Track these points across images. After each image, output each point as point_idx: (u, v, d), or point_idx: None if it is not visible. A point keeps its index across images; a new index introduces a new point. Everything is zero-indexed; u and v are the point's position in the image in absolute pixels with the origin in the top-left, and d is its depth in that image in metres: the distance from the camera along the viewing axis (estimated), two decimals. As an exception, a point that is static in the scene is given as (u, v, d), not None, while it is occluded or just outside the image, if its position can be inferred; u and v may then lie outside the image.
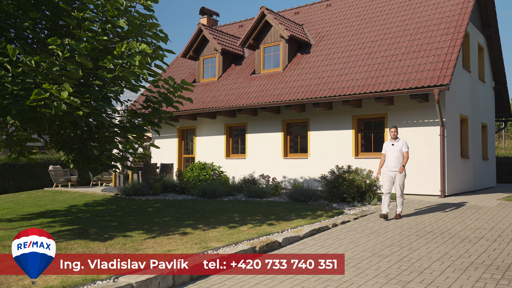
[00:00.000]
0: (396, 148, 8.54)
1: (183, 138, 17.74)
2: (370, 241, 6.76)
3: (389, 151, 8.61)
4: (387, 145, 8.75)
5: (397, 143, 8.56)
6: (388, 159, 8.63)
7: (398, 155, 8.48)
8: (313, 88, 13.21)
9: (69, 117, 6.50)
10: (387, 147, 8.71)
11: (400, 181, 8.48)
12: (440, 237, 6.96)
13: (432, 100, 11.78)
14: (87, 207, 10.57)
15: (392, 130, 8.69)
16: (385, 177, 8.67)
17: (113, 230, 7.44)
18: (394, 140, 8.63)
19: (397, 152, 8.49)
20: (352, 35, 14.74)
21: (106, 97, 6.88)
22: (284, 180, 14.37)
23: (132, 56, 6.51)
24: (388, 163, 8.62)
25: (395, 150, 8.51)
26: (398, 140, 8.60)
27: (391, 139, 8.68)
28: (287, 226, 7.74)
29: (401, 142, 8.56)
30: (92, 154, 7.82)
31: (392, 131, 8.68)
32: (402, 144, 8.54)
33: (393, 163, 8.53)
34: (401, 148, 8.50)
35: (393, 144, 8.58)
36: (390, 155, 8.57)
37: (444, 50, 11.68)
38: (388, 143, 8.74)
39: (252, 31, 15.68)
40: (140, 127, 7.80)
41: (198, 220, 8.50)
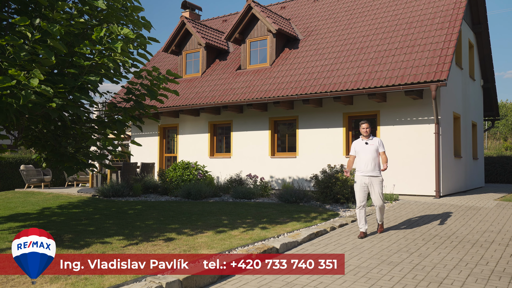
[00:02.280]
0: (371, 147, 6.92)
1: (165, 136, 16.96)
2: (375, 246, 6.21)
3: (362, 151, 6.95)
4: (358, 144, 7.07)
5: (371, 141, 6.97)
6: (360, 162, 6.95)
7: (374, 156, 6.89)
8: (302, 84, 12.65)
9: (40, 109, 5.75)
10: (358, 146, 7.04)
11: (379, 188, 6.88)
12: (448, 241, 6.47)
13: (426, 97, 11.37)
14: (61, 210, 9.74)
15: (364, 126, 7.03)
16: (357, 185, 6.97)
17: (90, 236, 6.70)
18: (366, 138, 7.03)
19: (372, 153, 6.89)
20: (342, 30, 14.25)
21: (83, 87, 6.14)
22: (272, 180, 13.77)
23: (114, 41, 5.79)
24: (362, 166, 6.92)
25: (370, 150, 6.90)
26: (372, 138, 7.04)
27: (363, 137, 7.06)
28: (282, 230, 7.14)
29: (376, 141, 6.99)
30: (66, 151, 7.05)
31: (364, 128, 7.02)
32: (378, 143, 6.98)
33: (368, 166, 6.86)
34: (377, 147, 6.93)
35: (366, 143, 6.97)
36: (363, 156, 6.92)
37: (439, 45, 11.27)
38: (359, 141, 7.09)
39: (238, 24, 15.03)
40: (120, 122, 7.07)
41: (183, 223, 7.82)
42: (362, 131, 7.04)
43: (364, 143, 7.00)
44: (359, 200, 6.91)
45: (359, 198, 6.91)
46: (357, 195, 6.94)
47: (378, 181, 6.89)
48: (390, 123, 11.91)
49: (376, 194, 6.89)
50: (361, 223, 6.85)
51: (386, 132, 11.95)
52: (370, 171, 6.87)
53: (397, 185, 11.47)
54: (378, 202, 6.92)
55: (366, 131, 7.01)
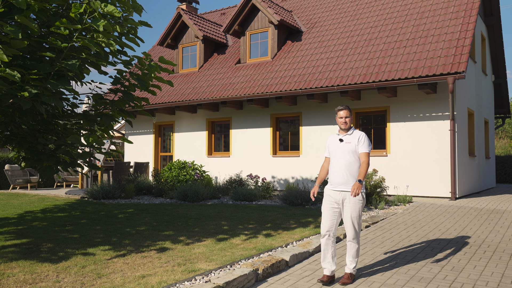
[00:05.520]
0: (346, 147, 4.53)
1: (160, 134, 16.09)
2: (398, 257, 5.39)
3: (335, 152, 4.60)
4: (332, 141, 4.70)
5: (349, 137, 4.57)
6: (331, 168, 4.62)
7: (351, 159, 4.49)
8: (307, 77, 11.83)
9: (9, 98, 4.91)
10: (332, 144, 4.68)
11: (354, 211, 4.44)
12: (480, 251, 5.66)
13: (441, 91, 10.56)
14: (44, 214, 8.89)
15: (342, 113, 4.58)
16: (324, 202, 4.62)
17: (72, 245, 5.86)
18: (344, 131, 4.63)
19: (348, 155, 4.51)
20: (348, 21, 13.43)
21: (62, 75, 5.30)
22: (274, 180, 12.94)
23: (96, 20, 4.95)
24: (332, 175, 4.59)
25: (345, 151, 4.52)
26: (351, 132, 4.61)
27: (340, 131, 4.67)
28: (289, 238, 6.32)
29: (355, 137, 4.55)
30: (45, 149, 6.21)
31: (342, 116, 4.58)
32: (359, 139, 4.53)
33: (340, 175, 4.50)
34: (356, 146, 4.51)
35: (341, 140, 4.59)
36: (335, 160, 4.59)
37: (455, 35, 10.47)
38: (334, 137, 4.71)
39: (237, 16, 14.19)
40: (107, 116, 6.23)
41: (179, 229, 6.99)
42: (340, 121, 4.60)
43: (338, 139, 4.62)
44: (323, 225, 4.54)
45: (324, 222, 4.54)
46: (323, 217, 4.57)
47: (354, 198, 4.42)
48: (401, 120, 11.10)
49: (347, 218, 4.46)
50: (325, 261, 4.51)
51: (396, 129, 11.14)
52: (343, 182, 4.47)
53: (409, 186, 10.67)
54: (349, 232, 4.49)
55: (344, 121, 4.57)
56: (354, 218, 4.45)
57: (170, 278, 4.35)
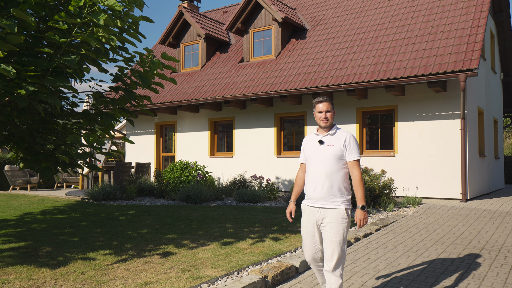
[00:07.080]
0: (329, 151, 3.45)
1: (162, 134, 15.84)
2: (413, 263, 5.12)
3: (313, 157, 3.53)
4: (309, 143, 3.62)
5: (331, 138, 3.49)
6: (308, 178, 3.57)
7: (333, 167, 3.42)
8: (312, 76, 11.56)
9: (5, 96, 4.66)
10: (309, 147, 3.60)
11: (336, 234, 3.37)
12: (500, 256, 5.38)
13: (451, 90, 10.28)
14: (44, 216, 8.64)
15: (322, 107, 3.48)
16: (303, 223, 3.60)
17: (71, 249, 5.61)
18: (325, 130, 3.53)
19: (329, 161, 3.44)
20: (354, 18, 13.16)
21: (60, 72, 5.05)
22: (278, 181, 12.68)
23: (96, 14, 4.70)
24: (308, 187, 3.54)
25: (327, 156, 3.44)
26: (335, 131, 3.52)
27: (320, 129, 3.57)
28: (297, 242, 6.06)
29: (341, 138, 3.47)
30: (43, 149, 5.96)
31: (322, 110, 3.48)
32: (346, 142, 3.45)
33: (319, 189, 3.44)
34: (342, 151, 3.43)
35: (321, 142, 3.49)
36: (312, 168, 3.52)
37: (466, 31, 10.19)
38: (311, 138, 3.63)
39: (240, 13, 13.93)
40: (107, 115, 5.97)
41: (182, 232, 6.74)
42: (319, 116, 3.51)
43: (317, 141, 3.54)
44: (306, 253, 3.63)
45: (306, 250, 3.61)
46: (303, 244, 3.63)
47: (336, 217, 3.38)
48: (410, 119, 10.82)
49: (327, 243, 3.41)
50: (322, 286, 3.72)
51: (405, 129, 10.87)
52: (322, 197, 3.43)
53: (419, 187, 10.39)
54: (329, 261, 3.40)
55: (325, 117, 3.48)
56: (336, 243, 3.35)
57: (174, 286, 4.10)
